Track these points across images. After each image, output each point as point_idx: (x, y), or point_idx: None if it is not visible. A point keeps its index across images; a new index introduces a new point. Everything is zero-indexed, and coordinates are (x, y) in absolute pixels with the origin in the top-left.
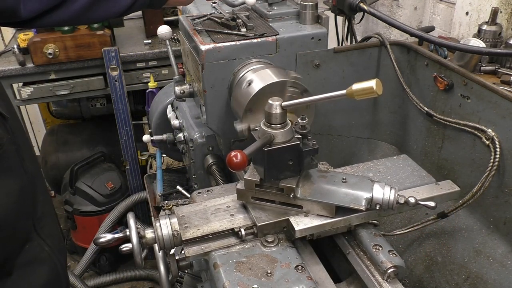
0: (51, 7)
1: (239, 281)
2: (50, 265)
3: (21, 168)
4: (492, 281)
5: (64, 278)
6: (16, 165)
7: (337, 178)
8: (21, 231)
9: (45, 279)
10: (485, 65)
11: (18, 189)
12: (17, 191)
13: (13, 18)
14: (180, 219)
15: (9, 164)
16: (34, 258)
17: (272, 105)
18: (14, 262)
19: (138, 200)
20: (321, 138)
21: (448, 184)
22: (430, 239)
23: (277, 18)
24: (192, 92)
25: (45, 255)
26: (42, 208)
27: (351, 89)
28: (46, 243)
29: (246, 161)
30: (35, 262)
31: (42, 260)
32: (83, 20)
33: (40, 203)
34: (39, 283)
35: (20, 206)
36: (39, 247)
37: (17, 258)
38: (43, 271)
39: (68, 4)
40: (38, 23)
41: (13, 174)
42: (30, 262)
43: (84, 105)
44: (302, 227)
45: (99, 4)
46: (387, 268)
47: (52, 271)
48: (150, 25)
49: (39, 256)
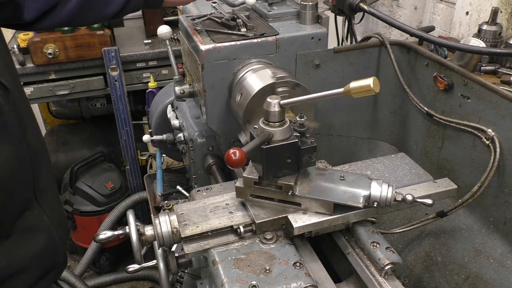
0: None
1: (237, 278)
2: (48, 235)
3: (22, 138)
4: (492, 281)
5: (61, 251)
6: (16, 135)
7: (335, 176)
8: (20, 198)
9: (41, 246)
10: (485, 65)
11: (16, 157)
12: (15, 158)
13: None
14: (180, 216)
15: (8, 132)
16: (33, 226)
17: (270, 103)
18: (13, 226)
19: (138, 200)
20: (321, 138)
21: (445, 182)
22: (430, 239)
23: (277, 18)
24: (192, 92)
25: (44, 225)
26: (45, 182)
27: (349, 87)
28: (46, 215)
29: (245, 158)
30: (33, 230)
31: (40, 229)
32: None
33: (43, 177)
34: (35, 249)
35: (18, 174)
36: (39, 217)
37: (15, 223)
38: (40, 239)
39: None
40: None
41: (13, 143)
42: (29, 228)
43: (84, 105)
44: (300, 224)
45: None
46: (385, 264)
47: (49, 241)
48: (150, 25)
49: (38, 225)
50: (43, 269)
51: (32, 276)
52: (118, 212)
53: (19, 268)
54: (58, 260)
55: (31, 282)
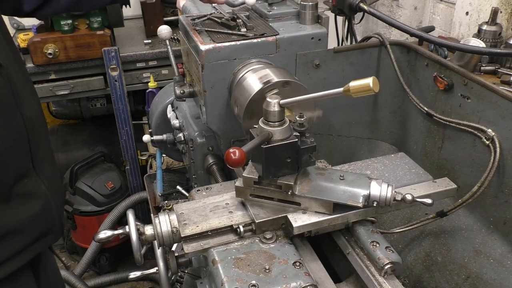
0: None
1: (237, 277)
2: (45, 201)
3: (17, 111)
4: (492, 281)
5: (57, 217)
6: (11, 108)
7: (335, 176)
8: (15, 166)
9: (37, 211)
10: (485, 65)
11: (11, 127)
12: (9, 128)
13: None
14: (179, 216)
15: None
16: (30, 192)
17: (270, 103)
18: (12, 192)
19: (138, 200)
20: (321, 138)
21: (445, 182)
22: (430, 239)
23: (277, 18)
24: (192, 92)
25: (41, 192)
26: (43, 153)
27: (348, 87)
28: (43, 183)
29: (244, 157)
30: (31, 196)
31: (37, 195)
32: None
33: (41, 148)
34: (31, 213)
35: (13, 143)
36: (36, 184)
37: (12, 188)
38: (37, 204)
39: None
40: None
41: (7, 114)
42: (27, 194)
43: (84, 105)
44: (300, 224)
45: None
46: (384, 264)
47: (45, 206)
48: (150, 25)
49: (35, 192)
50: (39, 232)
51: (28, 237)
52: (118, 212)
53: (16, 228)
54: (54, 225)
55: (28, 241)
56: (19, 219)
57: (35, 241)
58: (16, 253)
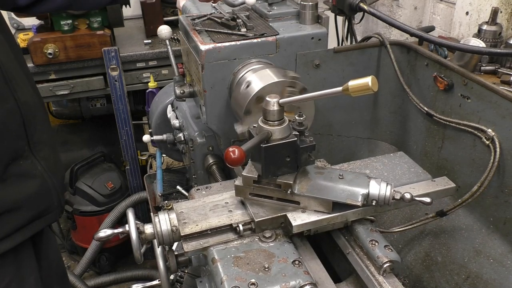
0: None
1: (237, 276)
2: (42, 181)
3: (10, 95)
4: (492, 281)
5: (55, 196)
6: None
7: (334, 175)
8: (10, 147)
9: (34, 191)
10: (485, 65)
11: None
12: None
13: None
14: (179, 215)
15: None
16: (26, 173)
17: (269, 102)
18: (7, 172)
19: (138, 200)
20: (321, 138)
21: (444, 181)
22: (430, 239)
23: (277, 18)
24: (192, 92)
25: (38, 173)
26: (40, 135)
27: (347, 86)
28: (40, 164)
29: (244, 156)
30: (26, 176)
31: (34, 176)
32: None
33: (38, 131)
34: (28, 192)
35: (7, 125)
36: (33, 165)
37: (7, 169)
38: (34, 184)
39: None
40: (33, 9)
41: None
42: (23, 175)
43: (84, 105)
44: (299, 222)
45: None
46: (383, 263)
47: (42, 186)
48: (150, 25)
49: (31, 172)
50: (37, 210)
51: (26, 214)
52: (118, 212)
53: (13, 206)
54: (52, 204)
55: (26, 219)
56: (16, 198)
57: (34, 220)
58: (14, 230)
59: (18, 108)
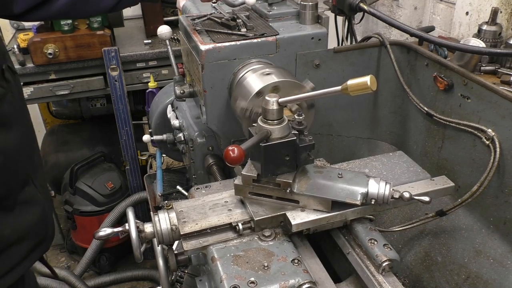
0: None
1: (236, 274)
2: (42, 208)
3: (24, 120)
4: (492, 281)
5: (50, 223)
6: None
7: (333, 174)
8: (21, 172)
9: (37, 217)
10: (485, 65)
11: (21, 136)
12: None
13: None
14: (179, 214)
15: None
16: (31, 199)
17: (268, 101)
18: (16, 200)
19: (138, 200)
20: (321, 138)
21: (442, 180)
22: (430, 239)
23: (277, 18)
24: (192, 92)
25: (38, 199)
26: (37, 159)
27: (346, 85)
28: (37, 190)
29: (243, 155)
30: (31, 203)
31: (36, 202)
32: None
33: (36, 154)
34: (33, 220)
35: (21, 150)
36: (34, 191)
37: (18, 196)
38: (37, 211)
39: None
40: (29, 17)
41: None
42: (28, 202)
43: (84, 105)
44: (299, 221)
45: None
46: (382, 261)
47: (42, 213)
48: (150, 25)
49: (34, 199)
50: (38, 238)
51: (30, 244)
52: (118, 212)
53: (20, 236)
54: (48, 232)
55: (29, 248)
56: (23, 227)
57: (35, 249)
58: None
59: (30, 130)
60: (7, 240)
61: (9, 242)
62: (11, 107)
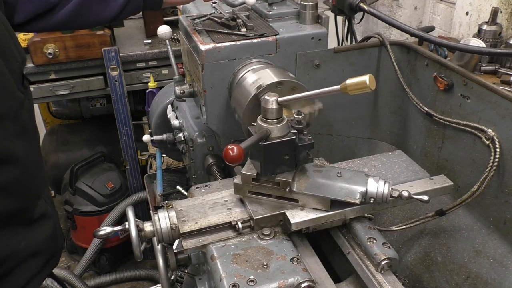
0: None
1: (235, 273)
2: (53, 221)
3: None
4: (492, 281)
5: (60, 237)
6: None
7: (332, 173)
8: (36, 187)
9: (50, 232)
10: (485, 65)
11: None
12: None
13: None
14: (178, 212)
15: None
16: (44, 213)
17: (268, 101)
18: (33, 214)
19: (138, 200)
20: (321, 138)
21: (441, 179)
22: (430, 239)
23: (277, 18)
24: (192, 92)
25: (49, 212)
26: (44, 173)
27: (345, 84)
28: (47, 203)
29: (242, 154)
30: (45, 217)
31: (48, 216)
32: (75, 26)
33: (43, 166)
34: (47, 234)
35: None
36: (46, 205)
37: (34, 211)
38: (50, 224)
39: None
40: (30, 27)
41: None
42: (42, 216)
43: (84, 105)
44: (298, 220)
45: (87, 10)
46: (381, 260)
47: (54, 225)
48: (150, 25)
49: (46, 212)
50: (50, 253)
51: (43, 258)
52: (118, 212)
53: (35, 250)
54: (58, 245)
55: (42, 263)
56: (38, 241)
57: (46, 264)
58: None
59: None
60: (21, 254)
61: (23, 256)
62: (29, 115)
